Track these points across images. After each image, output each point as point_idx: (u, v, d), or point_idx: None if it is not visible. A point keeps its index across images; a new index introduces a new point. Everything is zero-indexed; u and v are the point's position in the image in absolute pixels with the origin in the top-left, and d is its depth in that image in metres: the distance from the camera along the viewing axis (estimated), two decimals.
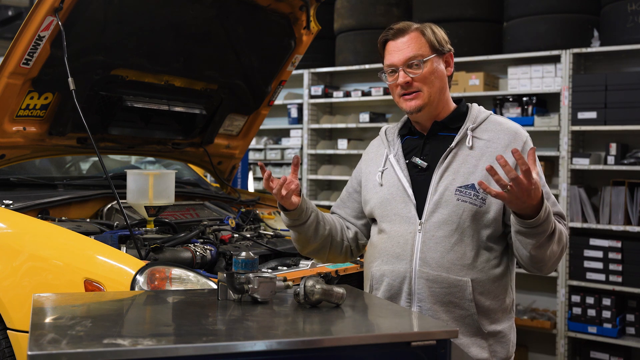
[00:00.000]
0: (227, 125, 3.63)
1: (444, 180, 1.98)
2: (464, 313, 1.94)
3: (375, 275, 2.07)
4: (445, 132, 2.07)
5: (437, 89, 2.03)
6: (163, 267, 2.25)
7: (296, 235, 2.19)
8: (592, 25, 4.70)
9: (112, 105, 3.04)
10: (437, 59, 2.03)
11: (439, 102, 2.05)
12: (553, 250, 1.88)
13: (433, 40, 2.02)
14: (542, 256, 1.87)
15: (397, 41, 2.04)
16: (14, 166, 3.08)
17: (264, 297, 1.75)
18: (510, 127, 2.04)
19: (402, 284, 1.99)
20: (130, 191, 2.81)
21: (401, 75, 2.02)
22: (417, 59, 2.00)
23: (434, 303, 1.95)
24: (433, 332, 1.55)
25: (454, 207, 1.95)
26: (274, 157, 6.11)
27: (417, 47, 2.01)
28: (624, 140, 4.52)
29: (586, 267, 4.44)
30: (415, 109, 2.03)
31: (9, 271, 2.38)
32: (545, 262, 1.90)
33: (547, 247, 1.86)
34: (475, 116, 2.06)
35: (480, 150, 1.99)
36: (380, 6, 5.50)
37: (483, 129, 2.03)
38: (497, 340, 1.99)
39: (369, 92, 5.52)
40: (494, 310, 1.97)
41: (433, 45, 2.02)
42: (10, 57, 2.57)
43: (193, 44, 3.11)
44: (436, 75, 2.03)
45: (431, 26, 2.06)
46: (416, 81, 2.01)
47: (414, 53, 2.01)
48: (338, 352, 1.49)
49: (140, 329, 1.60)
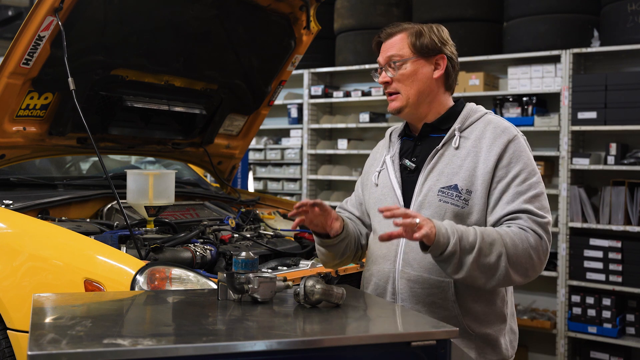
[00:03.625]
0: (227, 125, 3.63)
1: (429, 181, 1.99)
2: (448, 314, 1.94)
3: (365, 275, 2.13)
4: (436, 133, 2.07)
5: (416, 91, 2.03)
6: (163, 267, 2.25)
7: (325, 252, 2.15)
8: (592, 25, 4.70)
9: (112, 105, 3.04)
10: (419, 61, 2.02)
11: (421, 104, 2.05)
12: (490, 262, 1.81)
13: (416, 42, 2.02)
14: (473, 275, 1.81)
15: (386, 42, 2.07)
16: (14, 166, 3.08)
17: (264, 297, 1.75)
18: (499, 125, 2.00)
19: (387, 284, 2.02)
20: (130, 191, 2.81)
21: (382, 75, 2.07)
22: (395, 58, 2.03)
23: (415, 303, 1.97)
24: (433, 332, 1.55)
25: (437, 208, 1.94)
26: (274, 157, 6.11)
27: (399, 48, 2.03)
28: (624, 140, 4.52)
29: (586, 267, 4.44)
30: (395, 110, 2.07)
31: (9, 271, 2.38)
32: (482, 280, 1.83)
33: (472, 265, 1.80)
34: (466, 116, 2.05)
35: (466, 150, 1.98)
36: (380, 6, 5.50)
37: (473, 128, 2.02)
38: (488, 343, 1.96)
39: (369, 92, 5.52)
40: (482, 312, 1.95)
41: (416, 47, 2.02)
42: (10, 57, 2.57)
43: (193, 44, 3.11)
44: (417, 77, 2.02)
45: (423, 28, 2.05)
46: (394, 81, 2.04)
47: (393, 53, 2.03)
48: (338, 352, 1.49)
49: (140, 329, 1.60)
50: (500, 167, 1.93)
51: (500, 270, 1.83)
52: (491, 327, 1.97)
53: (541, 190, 1.94)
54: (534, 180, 1.93)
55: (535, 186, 1.93)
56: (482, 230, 1.84)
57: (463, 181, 1.94)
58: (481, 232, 1.84)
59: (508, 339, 2.02)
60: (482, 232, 1.83)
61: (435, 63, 2.05)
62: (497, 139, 1.96)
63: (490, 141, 1.96)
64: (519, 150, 1.95)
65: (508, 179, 1.92)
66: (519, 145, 1.96)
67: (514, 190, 1.91)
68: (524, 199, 1.90)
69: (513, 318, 2.08)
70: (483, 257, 1.81)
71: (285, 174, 6.05)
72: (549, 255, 1.92)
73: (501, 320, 2.00)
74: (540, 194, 1.93)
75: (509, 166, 1.93)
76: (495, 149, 1.94)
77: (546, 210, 1.93)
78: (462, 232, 1.81)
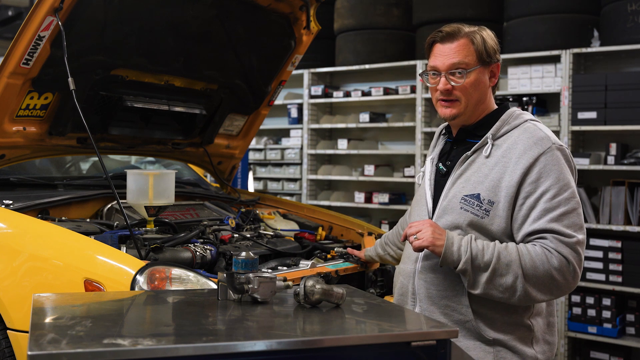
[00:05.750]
0: (227, 125, 3.63)
1: (455, 187, 1.98)
2: (462, 318, 1.94)
3: (395, 273, 2.19)
4: (472, 138, 2.04)
5: (475, 101, 2.00)
6: (163, 267, 2.25)
7: None
8: (592, 25, 4.70)
9: (112, 105, 3.04)
10: (482, 69, 1.98)
11: (474, 112, 2.02)
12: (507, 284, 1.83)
13: (482, 50, 1.96)
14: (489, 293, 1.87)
15: (445, 45, 1.99)
16: (14, 166, 3.07)
17: (264, 297, 1.75)
18: (534, 134, 1.92)
19: (409, 283, 2.05)
20: (130, 191, 2.81)
21: (442, 82, 1.99)
22: (461, 67, 1.96)
23: (430, 304, 1.98)
24: (433, 332, 1.55)
25: (457, 215, 1.94)
26: (274, 157, 6.11)
27: (464, 55, 1.96)
28: (624, 140, 4.52)
29: (586, 267, 4.44)
30: (450, 117, 2.03)
31: (9, 271, 2.38)
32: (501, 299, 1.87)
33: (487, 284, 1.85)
34: (503, 123, 1.99)
35: (495, 160, 1.94)
36: (380, 6, 5.50)
37: (508, 136, 1.96)
38: (506, 348, 1.93)
39: (369, 92, 5.52)
40: (499, 319, 1.93)
41: (481, 56, 1.97)
42: (10, 57, 2.57)
43: (193, 44, 3.10)
44: (478, 86, 1.98)
45: (483, 34, 1.99)
46: (456, 90, 1.98)
47: (458, 60, 1.96)
48: (338, 352, 1.49)
49: (140, 329, 1.60)
50: (529, 181, 1.87)
51: (519, 291, 1.83)
52: (511, 334, 1.93)
53: (572, 207, 1.87)
54: (565, 196, 1.86)
55: (566, 202, 1.86)
56: (502, 249, 1.83)
57: (486, 191, 1.91)
58: (499, 251, 1.83)
59: (538, 349, 1.97)
60: (500, 252, 1.83)
61: (491, 71, 2.01)
62: (528, 150, 1.90)
63: (520, 152, 1.91)
64: (551, 164, 1.88)
65: (537, 194, 1.86)
66: (553, 158, 1.89)
67: (542, 207, 1.85)
68: (551, 218, 1.85)
69: (549, 329, 2.02)
70: (498, 278, 1.83)
71: (285, 174, 6.05)
72: (580, 272, 1.87)
73: (524, 328, 1.95)
74: (571, 210, 1.86)
75: (538, 181, 1.87)
76: (524, 161, 1.89)
77: (577, 227, 1.86)
78: (477, 251, 1.83)
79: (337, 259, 2.85)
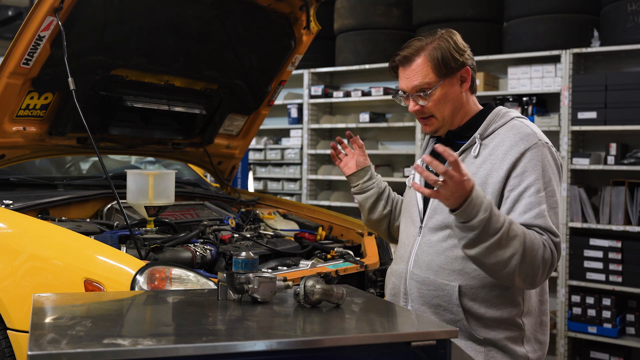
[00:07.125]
0: (227, 125, 3.63)
1: None
2: (454, 317, 1.94)
3: (387, 274, 2.19)
4: (461, 140, 2.05)
5: (450, 112, 2.01)
6: (163, 267, 2.25)
7: (358, 203, 2.36)
8: (592, 25, 4.71)
9: (112, 105, 3.04)
10: (447, 81, 1.97)
11: (453, 121, 2.04)
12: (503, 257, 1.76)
13: (440, 64, 1.95)
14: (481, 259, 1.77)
15: (405, 68, 2.00)
16: (14, 166, 3.08)
17: (264, 297, 1.75)
18: (521, 131, 1.93)
19: (400, 284, 2.06)
20: (130, 191, 2.81)
21: (411, 104, 2.01)
22: (423, 88, 1.96)
23: (422, 304, 1.99)
24: (433, 332, 1.55)
25: (447, 214, 1.92)
26: (274, 157, 6.11)
27: (423, 76, 1.96)
28: (624, 140, 4.52)
29: (586, 267, 4.44)
30: (431, 132, 2.08)
31: (9, 271, 2.38)
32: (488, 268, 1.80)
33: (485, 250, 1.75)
34: (489, 123, 2.00)
35: (483, 158, 1.95)
36: (380, 6, 5.50)
37: (495, 135, 1.97)
38: (497, 348, 1.93)
39: (369, 92, 5.52)
40: (489, 318, 1.92)
41: (441, 71, 1.95)
42: (10, 57, 2.57)
43: (193, 44, 3.10)
44: (447, 99, 1.98)
45: (442, 44, 1.96)
46: (426, 108, 1.99)
47: (419, 82, 1.96)
48: (338, 352, 1.49)
49: (140, 329, 1.60)
50: (514, 175, 1.88)
51: (509, 268, 1.77)
52: (501, 333, 1.93)
53: (554, 205, 1.88)
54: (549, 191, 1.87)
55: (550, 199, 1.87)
56: (512, 222, 1.78)
57: None
58: (509, 224, 1.76)
59: (529, 348, 1.96)
60: (510, 226, 1.76)
61: (460, 77, 2.00)
62: (514, 146, 1.90)
63: (507, 148, 1.91)
64: (537, 159, 1.88)
65: (521, 188, 1.86)
66: (539, 153, 1.89)
67: (527, 200, 1.85)
68: (537, 213, 1.84)
69: (540, 328, 2.01)
70: (499, 248, 1.76)
71: (285, 174, 6.05)
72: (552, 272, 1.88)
73: (515, 328, 1.94)
74: (554, 207, 1.88)
75: (523, 175, 1.87)
76: (510, 157, 1.89)
77: (556, 227, 1.88)
78: (494, 215, 1.73)
79: (337, 259, 2.85)
